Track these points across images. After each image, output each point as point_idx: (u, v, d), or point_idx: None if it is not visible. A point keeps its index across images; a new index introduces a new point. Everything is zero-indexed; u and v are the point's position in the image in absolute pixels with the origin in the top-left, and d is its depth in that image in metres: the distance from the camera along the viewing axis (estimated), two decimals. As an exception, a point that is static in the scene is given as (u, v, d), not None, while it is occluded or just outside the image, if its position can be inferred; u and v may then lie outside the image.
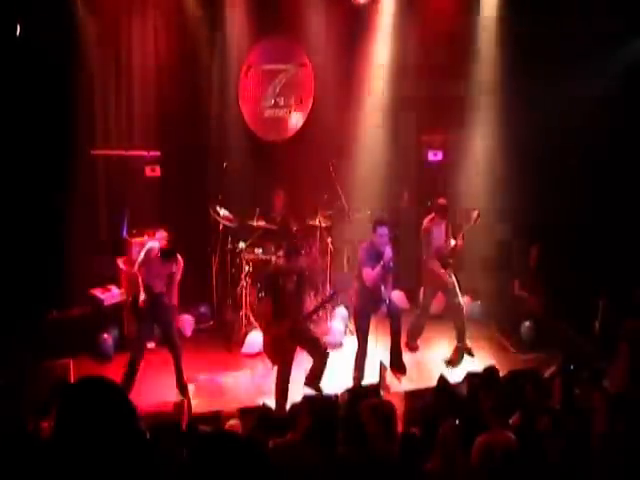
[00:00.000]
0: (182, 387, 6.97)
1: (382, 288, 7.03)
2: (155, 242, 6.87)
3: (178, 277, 6.98)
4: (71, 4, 7.75)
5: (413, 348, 7.85)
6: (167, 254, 6.78)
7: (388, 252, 6.84)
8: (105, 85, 8.30)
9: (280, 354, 6.58)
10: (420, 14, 9.16)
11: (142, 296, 6.81)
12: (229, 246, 8.49)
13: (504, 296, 8.81)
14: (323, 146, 9.14)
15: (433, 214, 7.74)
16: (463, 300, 7.85)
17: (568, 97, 8.26)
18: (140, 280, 6.84)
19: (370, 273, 6.79)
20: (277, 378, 6.62)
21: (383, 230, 6.78)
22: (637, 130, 8.50)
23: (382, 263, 6.78)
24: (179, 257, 6.91)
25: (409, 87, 9.48)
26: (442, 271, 7.61)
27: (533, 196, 8.83)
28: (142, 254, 6.87)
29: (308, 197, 9.04)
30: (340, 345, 8.29)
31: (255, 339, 7.86)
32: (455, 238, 7.71)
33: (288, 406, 6.36)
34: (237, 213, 8.56)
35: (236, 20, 8.68)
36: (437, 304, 8.47)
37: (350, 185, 9.11)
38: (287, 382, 6.58)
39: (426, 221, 7.70)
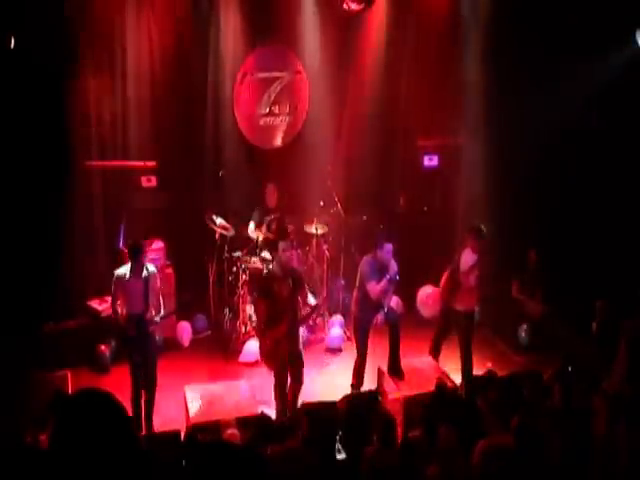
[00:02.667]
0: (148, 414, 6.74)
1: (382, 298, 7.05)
2: (122, 269, 6.60)
3: (157, 287, 6.76)
4: (65, 16, 7.74)
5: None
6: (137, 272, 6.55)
7: (394, 266, 6.91)
8: (100, 96, 8.30)
9: (276, 358, 6.59)
10: (413, 19, 9.22)
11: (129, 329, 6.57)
12: (226, 255, 8.48)
13: (502, 299, 8.80)
14: (318, 153, 9.15)
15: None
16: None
17: (565, 97, 8.30)
18: (120, 316, 6.59)
19: (375, 287, 6.82)
20: (275, 383, 6.64)
21: (389, 247, 6.81)
22: (637, 129, 8.50)
23: (388, 277, 6.83)
24: (150, 270, 6.67)
25: (404, 92, 9.52)
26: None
27: (531, 198, 8.85)
28: (112, 287, 6.61)
29: (304, 204, 9.05)
30: (338, 351, 8.31)
31: (252, 348, 7.86)
32: None
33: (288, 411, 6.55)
34: (233, 221, 8.57)
35: (231, 28, 8.70)
36: (432, 308, 8.45)
37: (346, 191, 9.13)
38: (284, 387, 6.59)
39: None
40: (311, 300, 6.88)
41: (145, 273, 6.58)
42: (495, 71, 8.91)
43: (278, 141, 9.54)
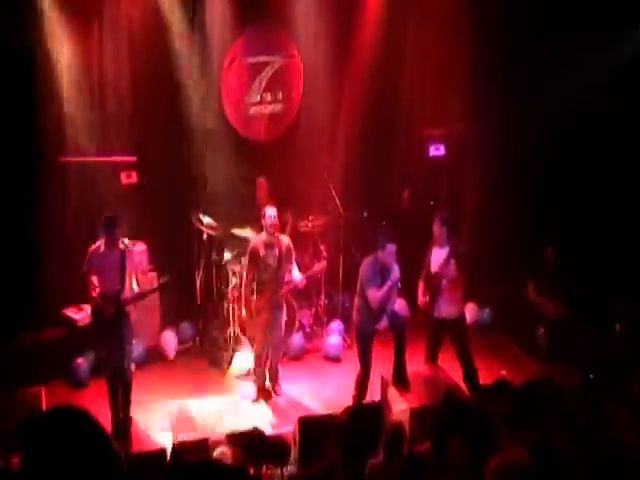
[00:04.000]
0: (123, 430, 6.74)
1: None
2: (96, 243, 6.72)
3: (135, 263, 6.91)
4: (37, 2, 7.70)
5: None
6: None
7: (396, 271, 6.85)
8: (74, 86, 8.22)
9: (256, 328, 7.22)
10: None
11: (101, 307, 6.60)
12: (214, 257, 8.46)
13: (517, 300, 8.79)
14: (314, 144, 9.13)
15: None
16: None
17: (584, 80, 8.32)
18: (94, 287, 6.60)
19: (376, 294, 6.77)
20: (254, 354, 7.34)
21: (391, 248, 6.75)
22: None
23: (390, 283, 6.80)
24: (126, 242, 6.83)
25: (407, 77, 9.49)
26: None
27: (545, 192, 8.82)
28: (85, 262, 6.70)
29: (299, 200, 9.02)
30: (338, 360, 8.29)
31: (244, 359, 7.84)
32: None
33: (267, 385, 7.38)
34: (222, 220, 8.53)
35: (217, 9, 8.62)
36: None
37: (344, 186, 9.10)
38: (263, 357, 7.29)
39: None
40: (296, 273, 7.25)
41: (121, 247, 6.64)
42: (507, 53, 8.88)
43: (270, 131, 9.50)
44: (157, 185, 8.73)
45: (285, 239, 7.23)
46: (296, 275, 7.26)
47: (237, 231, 8.48)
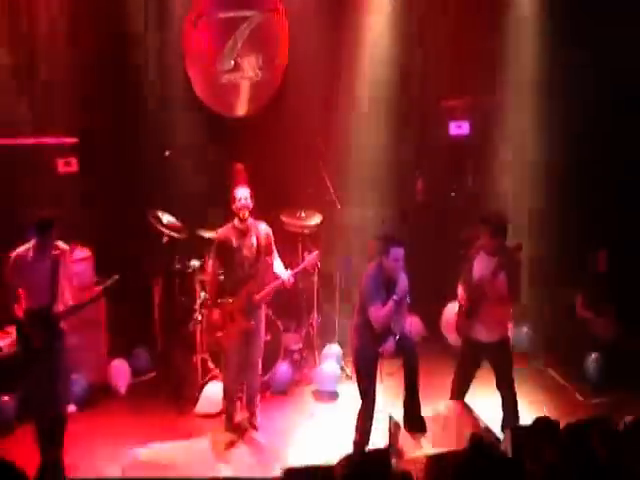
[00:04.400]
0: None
1: (391, 322, 6.94)
2: (23, 247, 6.56)
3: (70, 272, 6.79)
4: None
5: None
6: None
7: (403, 283, 6.82)
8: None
9: (227, 339, 7.20)
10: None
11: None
12: (177, 266, 8.41)
13: (562, 318, 8.78)
14: (304, 122, 9.15)
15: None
16: None
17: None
18: (20, 304, 6.49)
19: (379, 312, 6.70)
20: (223, 375, 7.44)
21: (398, 252, 6.70)
22: None
23: (395, 297, 6.74)
24: (63, 246, 6.67)
25: (423, 38, 9.54)
26: None
27: (598, 180, 8.81)
28: (7, 271, 6.53)
29: (285, 192, 9.03)
30: (334, 396, 8.23)
31: (214, 393, 7.77)
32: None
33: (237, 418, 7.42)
34: (187, 220, 8.53)
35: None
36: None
37: (342, 174, 9.14)
38: (236, 379, 7.33)
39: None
40: (281, 269, 7.24)
41: (56, 252, 6.57)
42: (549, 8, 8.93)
43: (248, 106, 9.49)
44: (104, 175, 8.72)
45: (263, 226, 7.29)
46: (281, 270, 7.25)
47: (206, 233, 8.39)
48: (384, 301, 6.74)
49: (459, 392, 7.27)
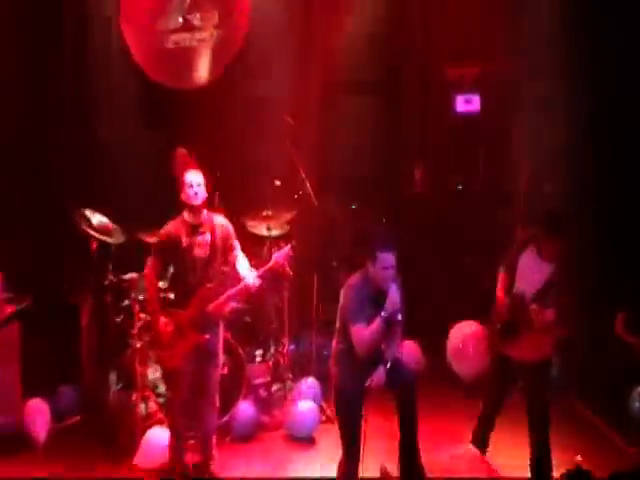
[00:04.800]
0: None
1: (381, 346, 6.86)
2: None
3: None
4: None
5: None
6: None
7: (394, 296, 6.68)
8: None
9: (174, 358, 7.07)
10: None
11: None
12: (110, 279, 8.33)
13: (598, 342, 8.70)
14: (270, 94, 9.22)
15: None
16: None
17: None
18: None
19: (364, 333, 6.61)
20: (167, 405, 7.43)
21: (388, 258, 6.62)
22: None
23: (384, 314, 6.63)
24: None
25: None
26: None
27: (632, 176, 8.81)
28: None
29: (245, 186, 9.06)
30: (310, 443, 8.18)
31: (158, 440, 7.68)
32: None
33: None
34: (124, 220, 8.54)
35: None
36: (474, 360, 8.46)
37: (320, 161, 9.25)
38: (184, 411, 7.18)
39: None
40: (245, 269, 7.16)
41: None
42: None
43: (201, 74, 9.53)
44: (13, 164, 8.76)
45: (219, 219, 7.27)
46: (245, 271, 7.15)
47: (148, 236, 8.34)
48: (370, 319, 6.65)
49: (486, 425, 7.36)
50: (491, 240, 8.63)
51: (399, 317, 6.71)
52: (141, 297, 8.10)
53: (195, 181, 7.04)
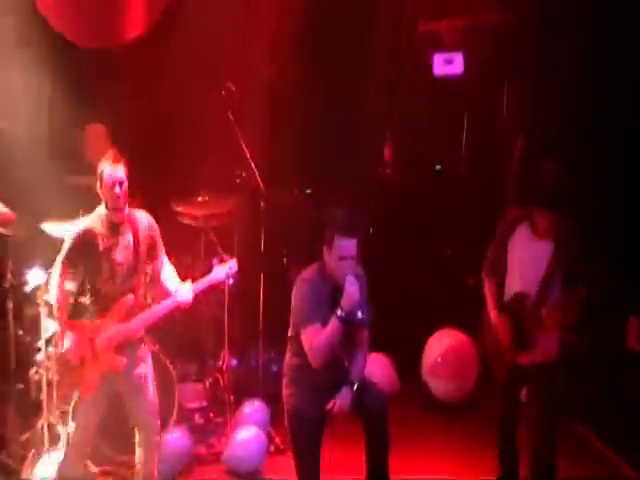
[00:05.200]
0: None
1: (344, 361, 6.94)
2: None
3: None
4: None
5: None
6: None
7: (351, 289, 6.65)
8: None
9: (83, 381, 7.01)
10: None
11: None
12: (10, 279, 8.19)
13: (605, 354, 8.88)
14: (208, 59, 9.30)
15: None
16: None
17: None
18: None
19: (318, 338, 6.65)
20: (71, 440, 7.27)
21: (347, 246, 6.67)
22: None
23: (339, 313, 6.67)
24: None
25: None
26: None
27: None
28: None
29: (175, 167, 9.16)
30: (254, 475, 8.17)
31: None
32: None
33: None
34: (24, 209, 8.36)
35: None
36: (456, 377, 8.55)
37: (269, 138, 9.30)
38: (79, 457, 7.21)
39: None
40: (173, 281, 7.20)
41: None
42: None
43: (125, 29, 9.46)
44: None
45: (143, 217, 7.23)
46: (174, 284, 7.17)
47: (55, 227, 8.36)
48: (327, 322, 6.70)
49: (509, 455, 7.42)
50: (477, 230, 8.65)
51: (359, 315, 6.69)
52: (50, 302, 8.05)
53: (118, 179, 6.90)
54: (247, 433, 8.29)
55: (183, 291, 7.11)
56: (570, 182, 6.94)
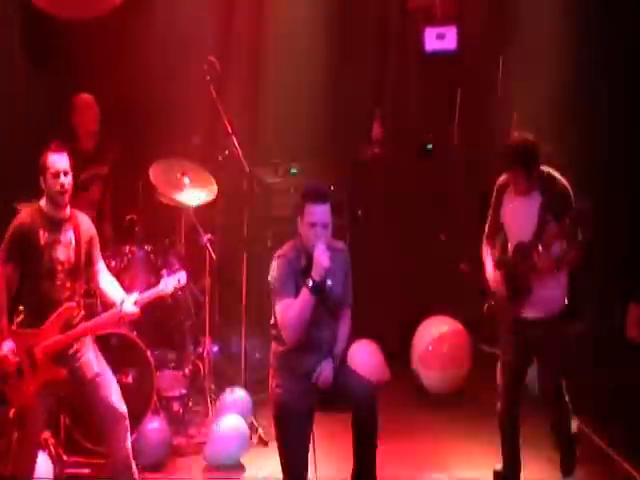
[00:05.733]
0: None
1: (322, 341, 6.81)
2: None
3: None
4: None
5: None
6: None
7: (320, 257, 6.55)
8: None
9: (22, 392, 6.84)
10: None
11: None
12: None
13: (603, 344, 8.77)
14: (189, 32, 9.23)
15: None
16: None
17: None
18: None
19: (287, 312, 6.61)
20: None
21: (317, 211, 6.65)
22: None
23: (309, 283, 6.59)
24: None
25: None
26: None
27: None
28: None
29: (154, 142, 9.03)
30: (237, 471, 8.04)
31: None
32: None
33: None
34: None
35: None
36: (446, 365, 8.53)
37: (252, 114, 9.35)
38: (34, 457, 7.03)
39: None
40: (117, 293, 6.99)
41: None
42: None
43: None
44: None
45: (85, 219, 7.12)
46: (117, 293, 6.99)
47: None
48: (295, 294, 6.65)
49: (510, 425, 7.40)
50: (470, 212, 8.60)
51: (329, 283, 6.65)
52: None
53: (63, 168, 6.80)
54: (228, 423, 8.16)
55: (128, 303, 6.90)
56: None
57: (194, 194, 8.60)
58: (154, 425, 8.00)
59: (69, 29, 9.26)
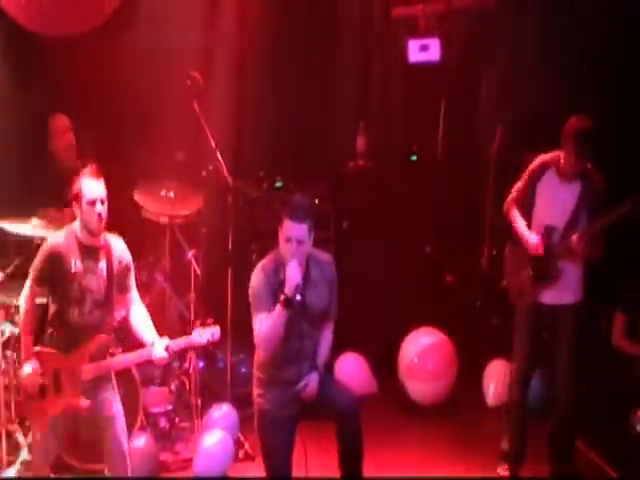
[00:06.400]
0: None
1: (304, 351, 6.81)
2: None
3: None
4: None
5: None
6: None
7: (292, 273, 6.57)
8: None
9: (41, 415, 6.80)
10: None
11: None
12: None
13: (589, 353, 8.47)
14: (172, 47, 9.18)
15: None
16: None
17: None
18: None
19: (262, 326, 6.62)
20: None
21: (293, 228, 6.62)
22: None
23: (283, 298, 6.55)
24: None
25: None
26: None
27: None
28: None
29: (138, 159, 9.03)
30: None
31: None
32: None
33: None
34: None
35: None
36: (436, 376, 8.51)
37: (235, 128, 9.32)
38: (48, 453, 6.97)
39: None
40: (150, 333, 6.95)
41: None
42: None
43: (87, 14, 9.22)
44: None
45: (119, 244, 7.00)
46: (150, 335, 6.94)
47: (12, 226, 8.20)
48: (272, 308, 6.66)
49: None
50: (455, 224, 8.73)
51: (298, 298, 6.60)
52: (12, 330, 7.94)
53: (99, 196, 6.65)
54: (214, 438, 8.19)
55: (159, 347, 6.86)
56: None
57: (178, 210, 8.61)
58: (141, 441, 7.97)
59: (51, 46, 9.17)
